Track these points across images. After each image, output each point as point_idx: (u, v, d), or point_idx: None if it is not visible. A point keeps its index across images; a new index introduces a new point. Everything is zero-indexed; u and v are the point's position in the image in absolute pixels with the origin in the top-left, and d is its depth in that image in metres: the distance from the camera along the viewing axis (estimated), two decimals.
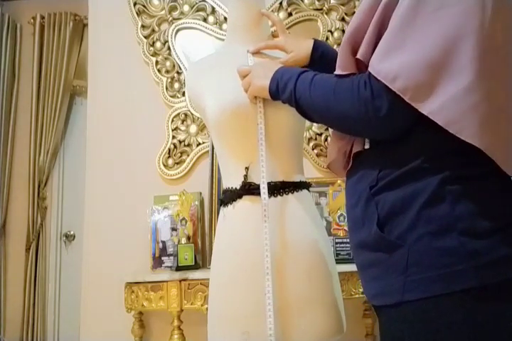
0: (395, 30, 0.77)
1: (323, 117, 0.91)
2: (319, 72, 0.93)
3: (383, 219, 0.79)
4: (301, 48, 1.16)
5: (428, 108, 0.74)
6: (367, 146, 0.88)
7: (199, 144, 2.33)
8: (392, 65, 0.76)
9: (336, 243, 1.92)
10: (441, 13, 0.74)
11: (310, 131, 2.26)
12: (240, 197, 1.09)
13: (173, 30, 2.42)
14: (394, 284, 0.77)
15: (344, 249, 1.89)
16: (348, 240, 1.73)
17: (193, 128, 2.34)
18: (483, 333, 0.71)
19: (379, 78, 0.77)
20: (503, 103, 0.74)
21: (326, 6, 2.32)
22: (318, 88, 0.89)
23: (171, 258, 2.09)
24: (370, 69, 0.79)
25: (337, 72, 0.86)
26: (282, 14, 2.35)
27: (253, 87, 1.05)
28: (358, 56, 0.82)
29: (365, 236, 0.82)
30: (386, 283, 0.78)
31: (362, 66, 0.83)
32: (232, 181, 1.12)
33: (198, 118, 2.32)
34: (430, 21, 0.74)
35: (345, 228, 1.93)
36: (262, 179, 1.06)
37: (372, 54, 0.80)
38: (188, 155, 2.32)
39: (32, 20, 3.01)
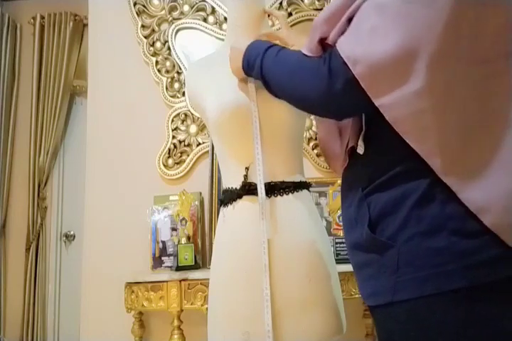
0: (366, 16, 0.77)
1: (285, 94, 0.94)
2: (283, 48, 0.98)
3: (375, 220, 0.80)
4: (302, 43, 1.16)
5: (380, 101, 0.75)
6: (360, 151, 0.88)
7: (199, 144, 2.33)
8: (357, 49, 0.77)
9: (336, 243, 1.92)
10: (412, 8, 0.73)
11: (310, 131, 2.26)
12: (240, 197, 1.09)
13: (173, 30, 2.42)
14: (385, 284, 0.77)
15: (344, 248, 1.89)
16: None
17: (193, 128, 2.34)
18: (473, 333, 0.70)
19: (342, 56, 0.78)
20: (454, 118, 0.73)
21: (325, 5, 2.32)
22: (282, 64, 0.93)
23: (171, 258, 2.09)
24: (336, 46, 0.80)
25: (303, 51, 0.88)
26: None
27: (232, 71, 1.11)
28: (329, 41, 0.83)
29: (358, 236, 0.83)
30: (378, 284, 0.79)
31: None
32: (232, 181, 1.12)
33: (198, 118, 2.32)
34: (401, 14, 0.74)
35: None
36: (258, 177, 1.06)
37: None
38: (188, 155, 2.33)
39: (32, 20, 3.00)
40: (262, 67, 0.97)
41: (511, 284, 0.70)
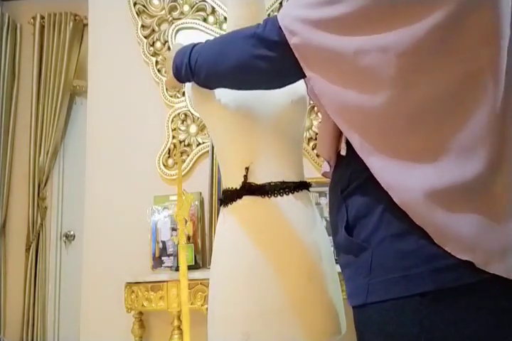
0: None
1: (218, 70, 0.92)
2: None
3: (352, 222, 0.80)
4: None
5: (311, 73, 0.77)
6: (343, 152, 0.88)
7: (199, 144, 2.33)
8: (298, 17, 0.77)
9: None
10: None
11: (310, 131, 2.26)
12: (240, 197, 1.09)
13: (173, 30, 2.42)
14: (360, 286, 0.77)
15: None
16: None
17: (193, 128, 2.34)
18: (438, 337, 0.69)
19: (280, 24, 0.78)
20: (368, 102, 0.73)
21: None
22: (211, 46, 0.94)
23: (171, 258, 2.09)
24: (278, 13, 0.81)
25: None
26: None
27: (166, 82, 1.13)
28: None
29: (339, 238, 0.83)
30: (354, 285, 0.79)
31: None
32: (232, 181, 1.12)
33: (198, 118, 2.32)
34: None
35: None
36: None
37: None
38: (188, 155, 2.33)
39: (32, 20, 3.00)
40: (190, 60, 0.96)
41: (478, 289, 0.69)
